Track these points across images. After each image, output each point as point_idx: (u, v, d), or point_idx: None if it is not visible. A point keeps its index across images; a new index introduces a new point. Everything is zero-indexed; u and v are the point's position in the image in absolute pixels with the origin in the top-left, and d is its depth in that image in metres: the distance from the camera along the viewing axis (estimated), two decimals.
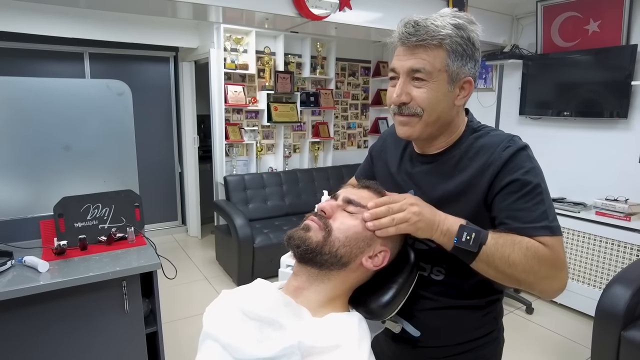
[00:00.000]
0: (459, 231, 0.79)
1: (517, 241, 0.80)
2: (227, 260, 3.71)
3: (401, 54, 0.87)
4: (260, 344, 0.70)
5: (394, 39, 0.88)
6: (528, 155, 0.87)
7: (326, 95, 4.47)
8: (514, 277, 0.80)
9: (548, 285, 0.81)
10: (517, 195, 0.84)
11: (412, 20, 0.85)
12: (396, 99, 0.88)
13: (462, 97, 0.89)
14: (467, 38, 0.85)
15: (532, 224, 0.82)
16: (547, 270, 0.80)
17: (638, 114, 2.91)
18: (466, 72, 0.87)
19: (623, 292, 2.20)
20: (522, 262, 0.79)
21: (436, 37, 0.83)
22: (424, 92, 0.85)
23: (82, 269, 1.71)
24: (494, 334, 1.03)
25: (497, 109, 3.84)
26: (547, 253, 0.80)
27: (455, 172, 0.91)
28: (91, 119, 2.14)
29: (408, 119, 0.89)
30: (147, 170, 4.29)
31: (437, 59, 0.84)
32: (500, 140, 0.89)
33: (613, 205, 2.87)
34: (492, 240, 0.79)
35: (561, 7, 3.20)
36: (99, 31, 3.62)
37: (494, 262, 0.79)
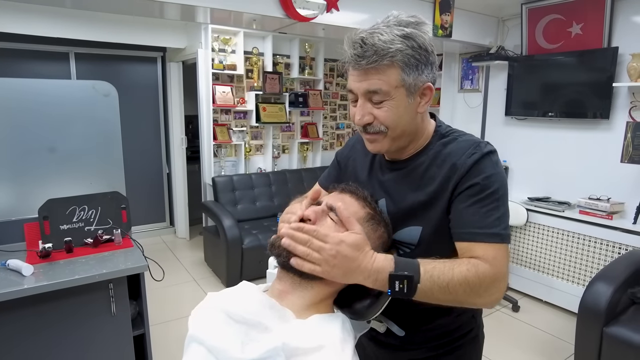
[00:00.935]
0: (390, 281, 0.77)
1: (456, 265, 0.79)
2: (216, 261, 3.70)
3: (355, 76, 0.85)
4: (245, 347, 0.71)
5: (345, 60, 0.85)
6: (492, 161, 0.87)
7: (315, 96, 4.48)
8: (456, 301, 0.80)
9: (487, 299, 0.82)
10: (474, 199, 0.84)
11: (358, 39, 0.81)
12: (359, 121, 0.87)
13: (424, 103, 0.88)
14: (418, 47, 0.82)
15: (482, 230, 0.82)
16: (486, 287, 0.80)
17: (619, 115, 2.97)
18: (423, 80, 0.85)
19: (605, 289, 2.25)
20: (462, 286, 0.78)
21: (386, 57, 0.80)
22: (384, 112, 0.85)
23: (68, 272, 1.69)
24: (472, 332, 1.04)
25: (484, 109, 3.90)
26: (488, 270, 0.80)
27: (424, 181, 0.91)
28: (77, 120, 2.12)
29: (374, 137, 0.89)
30: (135, 172, 4.25)
31: (391, 77, 0.82)
32: (467, 146, 0.89)
33: (596, 204, 2.93)
34: (427, 276, 0.77)
35: (545, 10, 3.25)
36: (85, 31, 3.58)
37: (434, 295, 0.78)
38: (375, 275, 0.77)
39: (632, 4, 2.86)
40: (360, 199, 0.89)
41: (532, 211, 3.27)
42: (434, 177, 0.89)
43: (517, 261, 3.45)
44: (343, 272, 0.76)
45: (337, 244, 0.75)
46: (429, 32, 0.86)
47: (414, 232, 0.92)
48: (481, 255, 0.81)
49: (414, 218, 0.91)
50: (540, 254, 3.27)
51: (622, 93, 2.95)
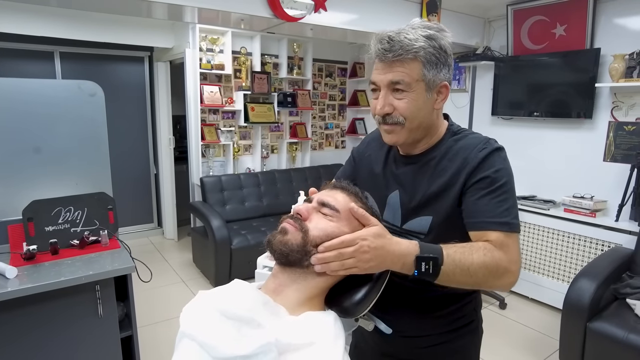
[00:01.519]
0: (416, 263, 0.82)
1: (474, 250, 0.86)
2: (204, 262, 3.68)
3: (380, 69, 0.93)
4: (237, 342, 0.71)
5: (371, 54, 0.93)
6: (501, 156, 0.94)
7: (303, 96, 4.48)
8: (476, 284, 0.87)
9: (504, 281, 0.88)
10: (485, 191, 0.91)
11: (386, 36, 0.90)
12: (380, 111, 0.94)
13: (440, 100, 0.96)
14: (439, 47, 0.91)
15: (494, 219, 0.89)
16: (503, 270, 0.87)
17: (602, 115, 3.03)
18: (442, 78, 0.93)
19: (588, 286, 2.30)
20: (482, 269, 0.84)
21: (410, 51, 0.88)
22: (404, 103, 0.92)
23: (53, 274, 1.67)
24: (473, 324, 1.09)
25: (470, 109, 3.94)
26: (502, 255, 0.86)
27: (436, 173, 0.97)
28: (62, 120, 2.09)
29: (392, 128, 0.95)
30: (122, 172, 4.21)
31: (413, 70, 0.90)
32: (477, 142, 0.96)
33: (580, 203, 2.99)
34: (449, 259, 0.83)
35: (530, 11, 3.30)
36: (71, 30, 3.53)
37: (455, 277, 0.84)
38: (403, 259, 0.82)
39: (614, 6, 2.92)
40: (351, 194, 0.91)
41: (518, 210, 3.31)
42: (446, 169, 0.96)
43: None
44: (378, 263, 0.81)
45: (364, 241, 0.80)
46: (449, 38, 0.94)
47: (424, 221, 0.98)
48: (494, 240, 0.88)
49: (425, 208, 0.98)
50: (527, 252, 3.32)
51: (605, 93, 3.01)
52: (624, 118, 2.93)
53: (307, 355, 0.71)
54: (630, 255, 2.61)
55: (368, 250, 0.79)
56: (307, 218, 0.85)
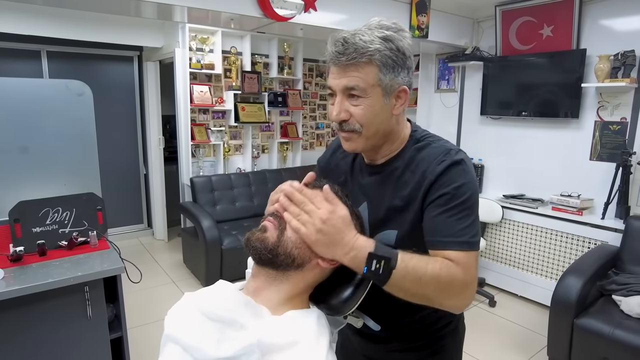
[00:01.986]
0: (367, 259, 0.79)
1: (430, 262, 0.82)
2: (195, 263, 3.66)
3: (335, 73, 0.88)
4: (220, 344, 0.71)
5: (327, 58, 0.89)
6: (462, 169, 0.89)
7: (294, 96, 4.48)
8: (425, 296, 0.82)
9: (455, 302, 0.85)
10: (443, 208, 0.87)
11: (340, 38, 0.85)
12: (336, 117, 0.90)
13: (399, 105, 0.91)
14: (396, 49, 0.86)
15: (451, 238, 0.85)
16: (457, 289, 0.83)
17: (588, 114, 3.08)
18: (400, 82, 0.88)
19: (575, 283, 2.33)
20: (434, 282, 0.80)
21: (365, 54, 0.83)
22: (360, 109, 0.88)
23: (41, 276, 1.66)
24: (452, 324, 1.08)
25: (460, 109, 3.97)
26: (460, 272, 0.82)
27: (399, 185, 0.94)
28: (50, 120, 2.07)
29: (349, 135, 0.92)
30: (111, 173, 4.17)
31: (369, 75, 0.85)
32: (437, 153, 0.91)
33: (567, 201, 3.03)
34: (403, 264, 0.79)
35: (518, 12, 3.34)
36: (58, 28, 3.48)
37: (405, 285, 0.80)
38: (355, 252, 0.80)
39: (599, 7, 2.97)
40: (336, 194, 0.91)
41: (507, 208, 3.35)
42: (408, 182, 0.93)
43: (493, 257, 3.54)
44: (326, 241, 0.79)
45: (329, 212, 0.79)
46: (408, 39, 0.89)
47: (391, 235, 0.95)
48: (453, 259, 0.84)
49: (390, 221, 0.95)
50: (515, 250, 3.36)
51: (591, 93, 3.05)
52: (609, 118, 2.98)
53: (291, 355, 0.71)
54: (616, 252, 2.66)
55: (325, 221, 0.79)
56: None
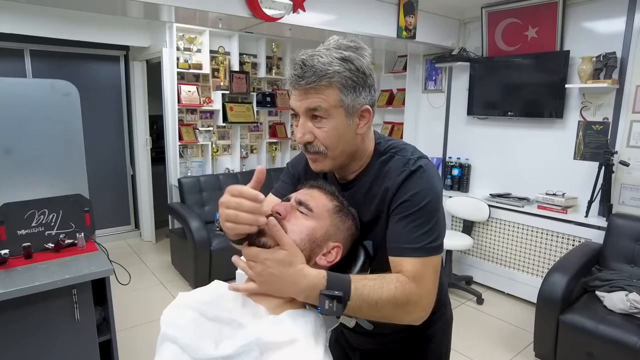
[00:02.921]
0: (320, 300, 0.77)
1: (385, 283, 0.81)
2: (184, 264, 3.64)
3: (296, 95, 0.88)
4: (219, 343, 0.71)
5: (287, 81, 0.89)
6: (419, 177, 0.90)
7: (283, 96, 4.48)
8: (383, 318, 0.83)
9: (413, 317, 0.85)
10: (401, 215, 0.88)
11: (299, 61, 0.85)
12: (300, 139, 0.90)
13: (363, 125, 0.91)
14: (355, 70, 0.86)
15: (408, 245, 0.86)
16: (413, 305, 0.83)
17: (572, 114, 3.14)
18: (362, 102, 0.88)
19: (560, 280, 2.38)
20: (390, 304, 0.81)
21: (324, 77, 0.83)
22: (324, 132, 0.88)
23: (27, 279, 1.63)
24: (440, 310, 1.12)
25: (447, 109, 4.02)
26: (414, 289, 0.82)
27: (367, 200, 0.95)
28: (35, 120, 2.03)
29: (315, 156, 0.92)
30: (98, 174, 4.11)
31: (329, 96, 0.85)
32: (398, 165, 0.92)
33: (552, 199, 3.09)
34: (357, 293, 0.78)
35: (503, 14, 3.39)
36: (42, 27, 3.43)
37: (362, 311, 0.81)
38: (307, 292, 0.78)
39: (582, 10, 3.03)
40: (327, 193, 0.92)
41: (493, 207, 3.40)
42: (375, 196, 0.94)
43: (480, 255, 3.58)
44: (276, 288, 0.78)
45: (262, 262, 0.77)
46: (368, 57, 0.89)
47: (368, 245, 0.97)
48: (409, 270, 0.84)
49: (367, 233, 0.97)
50: (502, 248, 3.41)
51: (574, 94, 3.11)
52: (592, 118, 3.04)
53: (289, 353, 0.71)
54: (599, 249, 2.72)
55: (262, 273, 0.77)
56: (285, 217, 0.85)
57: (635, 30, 2.78)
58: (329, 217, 0.87)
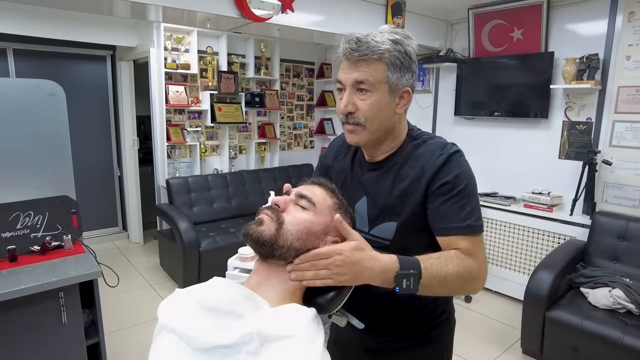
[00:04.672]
0: (397, 280, 0.83)
1: (447, 261, 0.89)
2: (172, 265, 3.61)
3: (346, 68, 0.95)
4: (219, 332, 0.71)
5: (339, 54, 0.95)
6: (459, 160, 0.97)
7: (271, 96, 4.47)
8: (450, 292, 0.93)
9: (475, 286, 0.94)
10: (445, 197, 0.94)
11: (354, 37, 0.92)
12: (343, 109, 0.96)
13: (402, 105, 0.98)
14: (404, 52, 0.93)
15: (457, 224, 0.93)
16: (474, 276, 0.92)
17: (556, 114, 3.20)
18: (404, 83, 0.95)
19: (546, 277, 2.42)
20: (457, 279, 0.88)
21: (376, 52, 0.90)
22: (367, 104, 0.94)
23: (12, 282, 1.61)
24: (445, 314, 1.13)
25: (434, 109, 4.06)
26: (473, 262, 0.91)
27: (397, 179, 1.00)
28: (19, 121, 2.00)
29: (354, 127, 0.97)
30: (85, 175, 4.06)
31: (378, 71, 0.92)
32: (435, 148, 0.99)
33: (538, 198, 3.14)
34: (427, 272, 0.86)
35: (489, 15, 3.43)
36: (25, 26, 3.37)
37: (432, 289, 0.87)
38: (382, 275, 0.83)
39: (565, 13, 3.09)
40: (328, 190, 0.93)
41: (481, 206, 3.43)
42: (406, 175, 0.99)
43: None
44: (353, 277, 0.82)
45: (339, 255, 0.81)
46: (414, 46, 0.96)
47: (390, 227, 1.00)
48: (463, 248, 0.92)
49: (389, 214, 1.00)
50: (489, 246, 3.46)
51: (559, 94, 3.17)
52: (576, 118, 3.10)
53: (289, 345, 0.71)
54: (583, 247, 2.78)
55: (342, 264, 0.81)
56: (284, 209, 0.86)
57: (616, 32, 2.84)
58: (329, 213, 0.88)
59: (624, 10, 2.80)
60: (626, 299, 2.28)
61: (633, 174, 2.84)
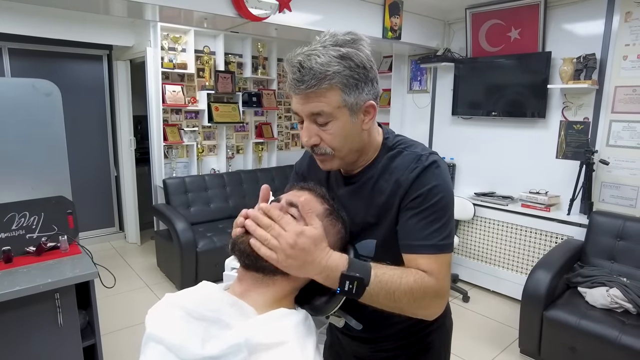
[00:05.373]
0: (340, 280, 0.78)
1: (404, 275, 0.82)
2: (169, 266, 3.59)
3: (298, 99, 0.86)
4: (206, 343, 0.70)
5: (286, 85, 0.88)
6: (432, 172, 0.89)
7: (269, 96, 4.46)
8: (399, 309, 0.83)
9: (429, 310, 0.86)
10: (414, 211, 0.88)
11: (296, 63, 0.82)
12: (307, 143, 0.89)
13: (368, 120, 0.90)
14: (355, 66, 0.83)
15: (422, 242, 0.86)
16: (429, 300, 0.84)
17: (554, 114, 3.20)
18: (365, 98, 0.86)
19: (544, 277, 2.42)
20: (407, 296, 0.81)
21: (324, 80, 0.81)
22: (329, 134, 0.87)
23: (7, 283, 1.60)
24: (440, 320, 1.09)
25: (432, 109, 4.06)
26: (432, 283, 0.83)
27: (374, 195, 0.94)
28: (15, 121, 1.98)
29: (323, 157, 0.92)
30: (81, 175, 4.04)
31: (332, 98, 0.83)
32: (410, 160, 0.92)
33: (535, 198, 3.14)
34: (376, 280, 0.79)
35: (487, 15, 3.44)
36: (21, 25, 3.34)
37: (379, 300, 0.81)
38: (327, 272, 0.78)
39: (562, 13, 3.09)
40: (318, 196, 0.91)
41: (478, 206, 3.45)
42: (383, 191, 0.93)
43: (465, 254, 3.63)
44: (298, 264, 0.77)
45: (297, 235, 0.76)
46: (367, 48, 0.86)
47: (370, 244, 0.96)
48: (425, 268, 0.84)
49: (368, 231, 0.95)
50: (487, 246, 3.46)
51: (556, 94, 3.17)
52: (573, 117, 3.11)
53: (278, 355, 0.70)
54: (581, 246, 2.78)
55: (294, 245, 0.75)
56: None
57: (613, 32, 2.85)
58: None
59: (620, 10, 2.81)
60: (623, 298, 2.28)
61: (630, 173, 2.85)
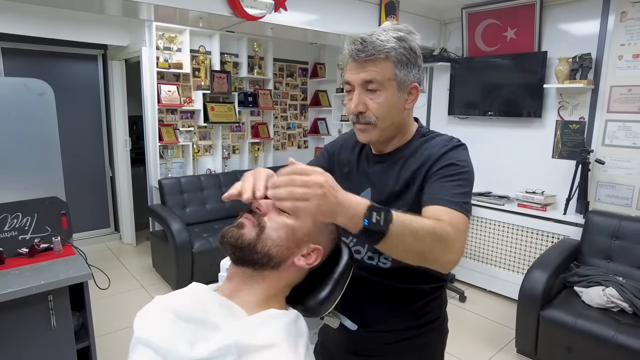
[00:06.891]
0: (367, 212, 0.72)
1: (424, 219, 0.81)
2: (165, 267, 3.57)
3: (353, 69, 0.96)
4: (194, 346, 0.69)
5: (345, 55, 0.96)
6: (462, 152, 1.00)
7: (265, 96, 4.45)
8: (422, 252, 0.79)
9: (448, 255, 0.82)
10: (443, 175, 0.94)
11: (358, 37, 0.93)
12: (354, 109, 0.97)
13: (411, 101, 1.00)
14: (409, 48, 0.95)
15: (446, 197, 0.89)
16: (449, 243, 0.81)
17: (550, 114, 3.21)
18: (412, 79, 0.97)
19: (540, 276, 2.42)
20: (430, 235, 0.78)
21: (382, 51, 0.92)
22: (377, 103, 0.95)
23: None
24: (439, 320, 1.11)
25: (428, 109, 4.06)
26: (450, 230, 0.81)
27: (403, 170, 1.02)
28: (7, 121, 1.96)
29: (365, 127, 0.99)
30: (75, 175, 4.01)
31: (385, 70, 0.93)
32: (441, 141, 1.02)
33: (532, 197, 3.14)
34: (399, 219, 0.75)
35: (483, 15, 3.44)
36: (14, 24, 3.32)
37: (404, 239, 0.76)
38: (355, 207, 0.72)
39: (558, 12, 3.10)
40: None
41: (475, 205, 3.44)
42: (411, 166, 1.01)
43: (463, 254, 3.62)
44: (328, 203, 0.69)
45: (321, 175, 0.70)
46: (418, 41, 0.99)
47: None
48: (445, 218, 0.84)
49: (391, 205, 0.97)
50: (484, 246, 3.46)
51: (552, 94, 3.18)
52: (569, 117, 3.11)
53: (268, 357, 0.69)
54: (577, 245, 2.78)
55: (323, 184, 0.68)
56: (265, 213, 0.82)
57: (608, 32, 2.85)
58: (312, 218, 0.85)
59: (616, 10, 2.81)
60: (619, 297, 2.29)
61: (625, 173, 2.85)
